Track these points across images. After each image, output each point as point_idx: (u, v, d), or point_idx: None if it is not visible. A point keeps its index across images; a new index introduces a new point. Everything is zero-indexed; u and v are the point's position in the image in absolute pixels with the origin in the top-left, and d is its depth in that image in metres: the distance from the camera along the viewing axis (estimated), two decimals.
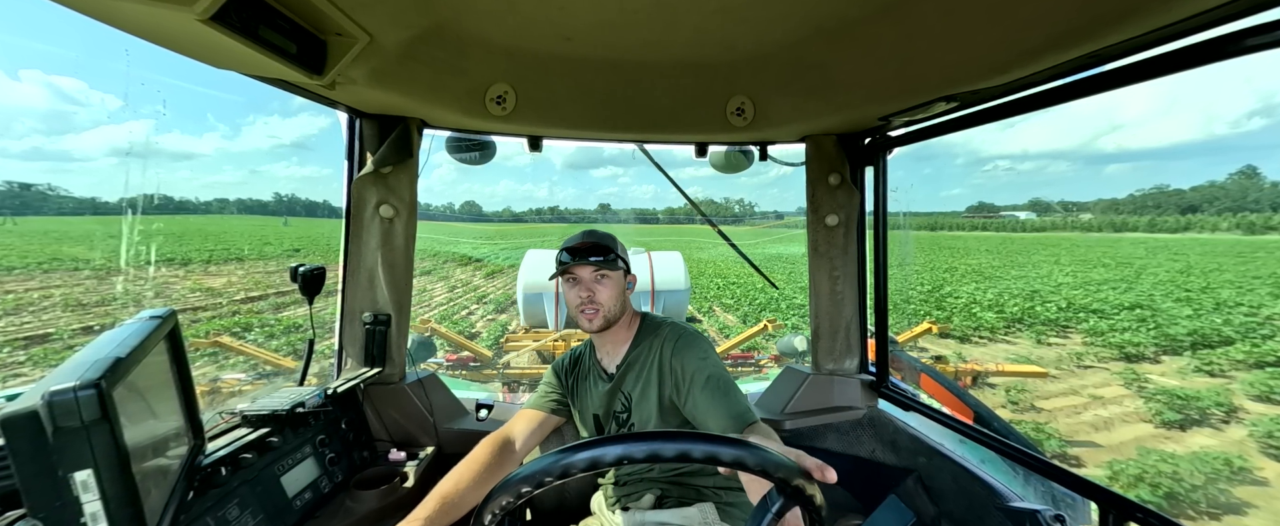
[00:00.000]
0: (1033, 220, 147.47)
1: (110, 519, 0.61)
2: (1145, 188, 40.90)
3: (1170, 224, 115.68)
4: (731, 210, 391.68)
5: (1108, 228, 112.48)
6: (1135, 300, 14.91)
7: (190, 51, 0.86)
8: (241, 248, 34.68)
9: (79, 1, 0.68)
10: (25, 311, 12.18)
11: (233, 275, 21.25)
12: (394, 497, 1.27)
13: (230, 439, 1.06)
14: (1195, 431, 5.53)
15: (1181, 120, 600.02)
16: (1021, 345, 9.82)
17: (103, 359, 0.64)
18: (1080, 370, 8.17)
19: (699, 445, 0.53)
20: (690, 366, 1.10)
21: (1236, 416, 6.04)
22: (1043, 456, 1.14)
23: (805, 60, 1.26)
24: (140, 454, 0.68)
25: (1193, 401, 6.20)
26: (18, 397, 0.60)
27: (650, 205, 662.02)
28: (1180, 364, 8.40)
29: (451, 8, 1.06)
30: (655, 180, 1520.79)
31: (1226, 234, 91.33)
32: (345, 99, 1.27)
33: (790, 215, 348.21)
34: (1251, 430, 5.38)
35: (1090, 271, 25.36)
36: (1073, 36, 0.81)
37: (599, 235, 1.21)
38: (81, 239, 36.85)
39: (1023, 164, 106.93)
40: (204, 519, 0.90)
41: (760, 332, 6.87)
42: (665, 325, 1.23)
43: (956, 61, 1.00)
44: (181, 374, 0.90)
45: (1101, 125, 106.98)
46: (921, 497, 1.40)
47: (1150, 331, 10.25)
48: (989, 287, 18.33)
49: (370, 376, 1.44)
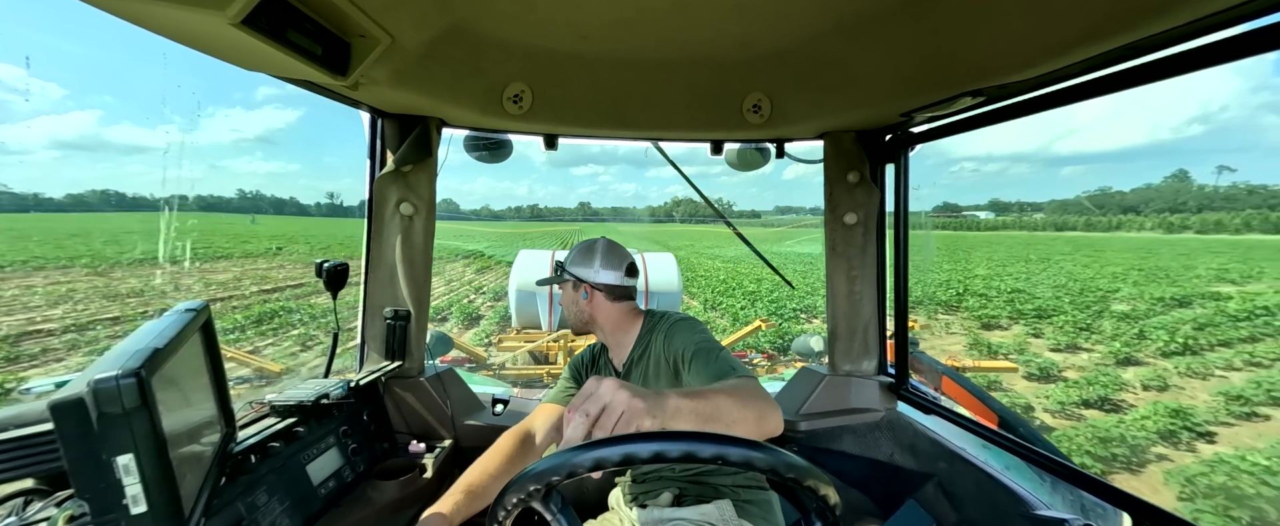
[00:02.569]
0: (990, 219, 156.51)
1: (149, 501, 0.64)
2: (1091, 189, 42.32)
3: (1103, 224, 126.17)
4: (707, 209, 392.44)
5: (1050, 227, 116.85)
6: (1020, 286, 18.33)
7: (222, 54, 0.89)
8: (222, 245, 33.37)
9: (115, 6, 0.71)
10: None
11: (227, 273, 20.70)
12: (413, 488, 1.30)
13: (259, 428, 1.11)
14: (989, 360, 8.19)
15: (1130, 125, 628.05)
16: (911, 319, 12.26)
17: (143, 349, 0.67)
18: (947, 334, 11.38)
19: (726, 448, 0.51)
20: (682, 346, 1.11)
21: (1023, 354, 9.14)
22: (1071, 464, 1.11)
23: (824, 56, 1.23)
24: (177, 440, 0.71)
25: (1000, 347, 9.52)
26: (66, 384, 0.64)
27: (631, 203, 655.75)
28: (1017, 328, 11.74)
29: (470, 8, 1.08)
30: (636, 178, 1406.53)
31: (1150, 233, 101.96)
32: (368, 99, 1.30)
33: (767, 213, 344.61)
34: (1029, 361, 8.29)
35: (1009, 265, 28.62)
36: (1109, 27, 0.78)
37: (570, 250, 1.32)
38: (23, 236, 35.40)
39: (987, 166, 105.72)
40: (235, 504, 0.93)
41: (752, 332, 7.00)
42: (661, 318, 1.24)
43: (983, 55, 0.97)
44: (214, 364, 0.94)
45: (1059, 129, 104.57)
46: (942, 503, 1.37)
47: (1011, 308, 13.66)
48: (915, 277, 19.77)
49: (391, 370, 1.47)
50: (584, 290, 1.26)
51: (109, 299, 13.62)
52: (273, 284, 17.28)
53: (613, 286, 1.26)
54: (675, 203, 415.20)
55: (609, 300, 1.26)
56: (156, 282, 17.12)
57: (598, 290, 1.26)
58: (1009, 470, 1.26)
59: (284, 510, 1.03)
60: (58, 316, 11.06)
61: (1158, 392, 7.07)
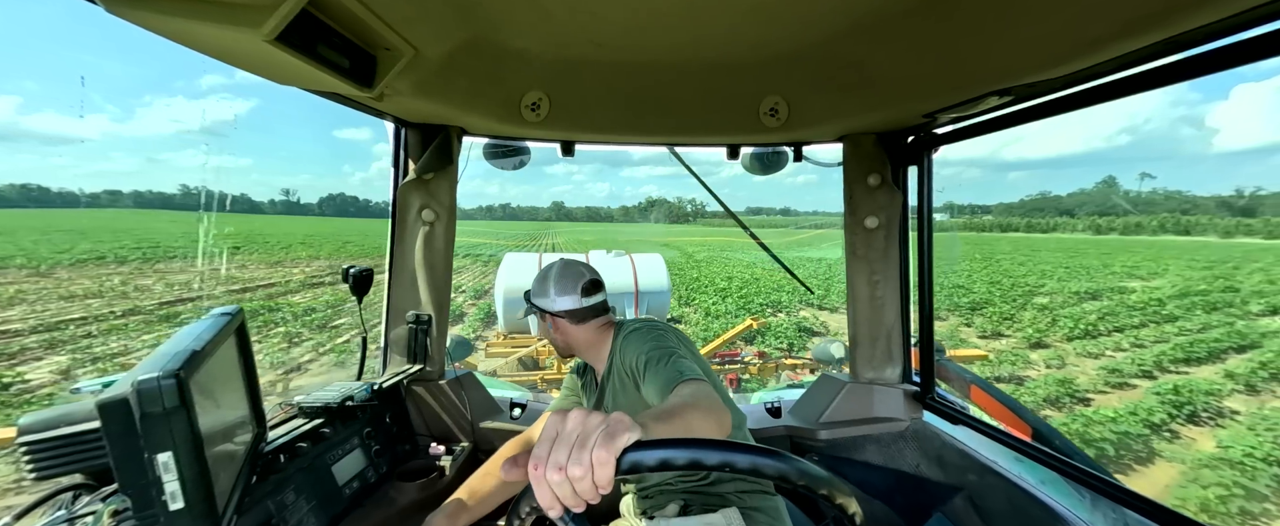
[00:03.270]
0: (943, 221, 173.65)
1: (186, 498, 0.67)
2: (1032, 194, 41.04)
3: (1042, 225, 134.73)
4: (683, 209, 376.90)
5: (996, 228, 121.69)
6: (961, 283, 20.22)
7: (257, 70, 0.93)
8: (172, 244, 31.31)
9: (156, 24, 0.75)
10: None
11: (186, 273, 19.15)
12: (434, 490, 1.32)
13: (288, 428, 1.14)
14: (815, 337, 9.99)
15: (1068, 134, 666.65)
16: (833, 310, 14.18)
17: (182, 351, 0.70)
18: None
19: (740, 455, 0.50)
20: (634, 357, 1.10)
21: (951, 339, 10.64)
22: (1112, 479, 1.05)
23: (842, 57, 1.22)
24: (212, 439, 0.74)
25: (936, 335, 10.10)
26: (113, 384, 0.67)
27: (604, 203, 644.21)
28: (953, 319, 13.07)
29: (489, 19, 1.10)
30: (610, 177, 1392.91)
31: (1081, 234, 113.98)
32: (392, 109, 1.34)
33: (742, 214, 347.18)
34: (956, 345, 9.82)
35: (957, 263, 30.78)
36: (1146, 22, 0.74)
37: (538, 277, 1.31)
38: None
39: (944, 170, 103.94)
40: (264, 502, 0.96)
41: (743, 331, 7.04)
42: (621, 329, 1.22)
43: (1010, 53, 0.94)
44: (247, 366, 0.98)
45: (1006, 136, 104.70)
46: (971, 517, 1.32)
47: (949, 301, 14.93)
48: (820, 271, 24.02)
49: (412, 373, 1.51)
50: (549, 320, 1.27)
51: (67, 300, 12.99)
52: (241, 284, 16.92)
53: (573, 310, 1.24)
54: (649, 202, 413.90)
55: (573, 323, 1.25)
56: (115, 283, 16.10)
57: (559, 318, 1.25)
58: (1044, 485, 1.20)
59: (311, 509, 1.06)
60: (16, 317, 10.52)
61: (1056, 369, 8.43)
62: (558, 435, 0.47)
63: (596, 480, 0.44)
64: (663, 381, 0.97)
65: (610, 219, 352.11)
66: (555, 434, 0.47)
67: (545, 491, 0.45)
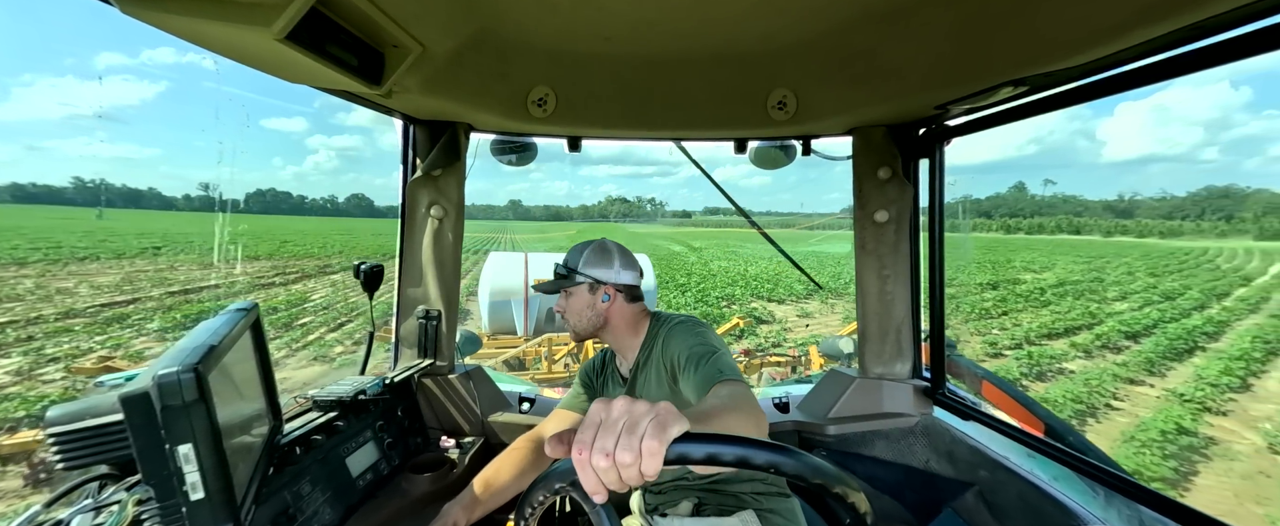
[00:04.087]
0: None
1: (206, 489, 0.69)
2: (956, 197, 41.24)
3: (963, 226, 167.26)
4: (643, 209, 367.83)
5: (925, 229, 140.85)
6: (835, 273, 22.88)
7: (267, 68, 0.94)
8: (77, 244, 27.59)
9: (169, 24, 0.76)
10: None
11: (108, 275, 17.26)
12: (445, 482, 1.34)
13: (302, 421, 1.17)
14: (846, 327, 10.26)
15: (986, 142, 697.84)
16: (780, 302, 16.28)
17: (200, 345, 0.72)
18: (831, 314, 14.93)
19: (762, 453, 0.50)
20: (677, 351, 1.10)
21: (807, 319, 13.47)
22: (1127, 475, 1.03)
23: (851, 48, 1.20)
24: (230, 431, 0.76)
25: (850, 317, 12.65)
26: (135, 378, 0.69)
27: (564, 202, 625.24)
28: (811, 303, 16.02)
29: (495, 15, 1.10)
30: (569, 176, 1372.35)
31: (995, 233, 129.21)
32: (400, 106, 1.35)
33: (697, 213, 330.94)
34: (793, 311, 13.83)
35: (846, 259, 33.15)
36: (1166, 9, 0.72)
37: (575, 249, 1.28)
38: None
39: None
40: (281, 493, 0.99)
41: (731, 329, 7.21)
42: (665, 321, 1.23)
43: (1026, 42, 0.91)
44: (262, 360, 1.00)
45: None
46: (982, 514, 1.31)
47: (809, 287, 17.62)
48: (769, 269, 26.30)
49: (423, 367, 1.53)
50: (605, 292, 1.25)
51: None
52: (179, 285, 15.76)
53: (631, 287, 1.26)
54: (609, 202, 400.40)
55: (627, 302, 1.26)
56: (26, 286, 14.50)
57: (619, 292, 1.25)
58: (1057, 481, 1.19)
59: (326, 500, 1.08)
60: None
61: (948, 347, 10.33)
62: (603, 420, 0.47)
63: (644, 469, 0.44)
64: (703, 377, 0.98)
65: (570, 218, 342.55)
66: (600, 419, 0.47)
67: (589, 475, 0.45)
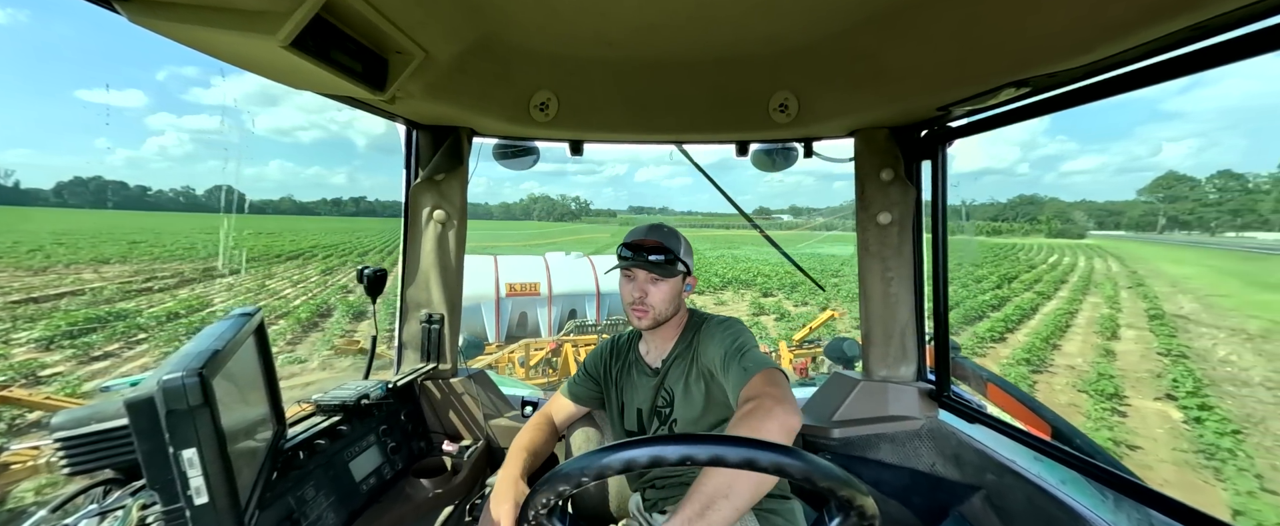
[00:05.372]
0: (789, 221, 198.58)
1: (211, 493, 0.69)
2: None
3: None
4: (567, 207, 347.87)
5: (822, 228, 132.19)
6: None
7: (273, 75, 0.95)
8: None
9: (176, 33, 0.77)
10: None
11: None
12: (447, 486, 1.34)
13: (306, 426, 1.17)
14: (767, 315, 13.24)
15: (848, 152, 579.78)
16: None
17: (204, 351, 0.72)
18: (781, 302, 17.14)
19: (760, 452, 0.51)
20: (714, 354, 1.10)
21: (779, 309, 16.03)
22: (1137, 479, 1.02)
23: (853, 50, 1.20)
24: (234, 436, 0.76)
25: (768, 308, 16.54)
26: (140, 383, 0.70)
27: (483, 199, 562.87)
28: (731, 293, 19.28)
29: (498, 20, 1.11)
30: (486, 173, 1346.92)
31: None
32: (404, 112, 1.36)
33: (623, 212, 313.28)
34: (784, 314, 15.25)
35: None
36: (1167, 10, 0.71)
37: (665, 232, 1.20)
38: None
39: (840, 182, 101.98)
40: (285, 497, 0.99)
41: (825, 322, 7.52)
42: (703, 320, 1.23)
43: (1029, 42, 0.91)
44: (266, 365, 1.00)
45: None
46: (989, 517, 1.29)
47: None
48: None
49: (426, 371, 1.53)
50: (690, 282, 1.25)
51: None
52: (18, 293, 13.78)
53: None
54: (532, 200, 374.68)
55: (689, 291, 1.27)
56: None
57: (690, 279, 1.25)
58: (1065, 485, 1.18)
59: (330, 504, 1.08)
60: None
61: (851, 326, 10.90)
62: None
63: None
64: (734, 380, 1.02)
65: (489, 216, 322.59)
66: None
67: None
